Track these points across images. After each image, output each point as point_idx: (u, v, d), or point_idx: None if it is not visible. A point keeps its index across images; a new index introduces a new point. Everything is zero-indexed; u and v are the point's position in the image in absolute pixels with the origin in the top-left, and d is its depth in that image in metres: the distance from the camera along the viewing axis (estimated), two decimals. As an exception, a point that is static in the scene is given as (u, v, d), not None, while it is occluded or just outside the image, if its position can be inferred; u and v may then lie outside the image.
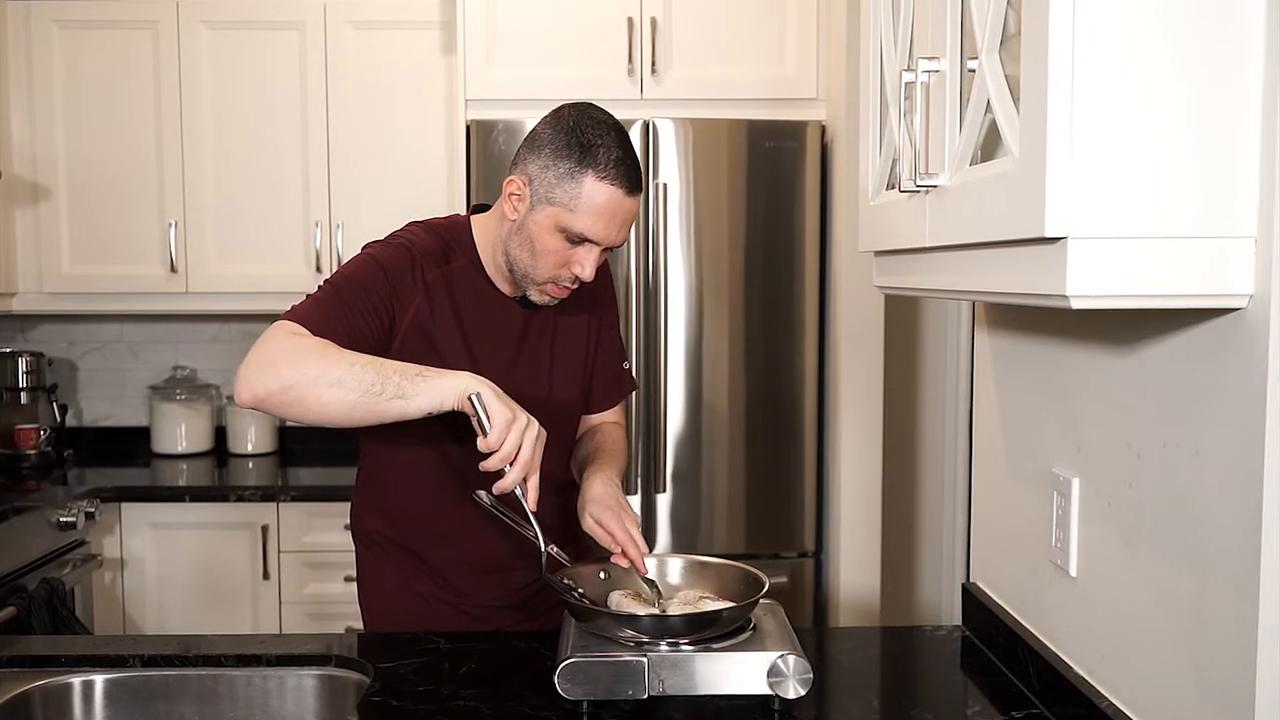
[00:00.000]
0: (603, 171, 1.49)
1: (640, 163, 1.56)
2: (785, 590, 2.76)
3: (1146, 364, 1.14)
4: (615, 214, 1.52)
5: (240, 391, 1.39)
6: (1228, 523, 0.99)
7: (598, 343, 1.77)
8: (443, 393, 1.37)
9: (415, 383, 1.37)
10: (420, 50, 3.14)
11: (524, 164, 1.55)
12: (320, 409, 1.39)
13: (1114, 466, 1.21)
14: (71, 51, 3.14)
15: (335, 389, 1.37)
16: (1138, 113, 0.87)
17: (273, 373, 1.38)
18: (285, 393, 1.38)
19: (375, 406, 1.37)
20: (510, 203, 1.56)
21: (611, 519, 1.55)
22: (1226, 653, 1.00)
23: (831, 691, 1.47)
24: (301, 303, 1.51)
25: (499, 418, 1.36)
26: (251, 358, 1.40)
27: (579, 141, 1.50)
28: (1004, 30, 0.98)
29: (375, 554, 1.73)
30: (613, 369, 1.81)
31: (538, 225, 1.53)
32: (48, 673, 1.54)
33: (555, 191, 1.51)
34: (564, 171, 1.50)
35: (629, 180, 1.51)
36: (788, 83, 2.84)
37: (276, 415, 1.41)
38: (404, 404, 1.37)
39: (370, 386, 1.36)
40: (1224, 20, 0.87)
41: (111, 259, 3.17)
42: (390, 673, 1.48)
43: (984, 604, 1.60)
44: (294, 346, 1.40)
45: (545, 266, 1.56)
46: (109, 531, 2.94)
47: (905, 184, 1.17)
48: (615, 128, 1.53)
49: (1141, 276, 0.89)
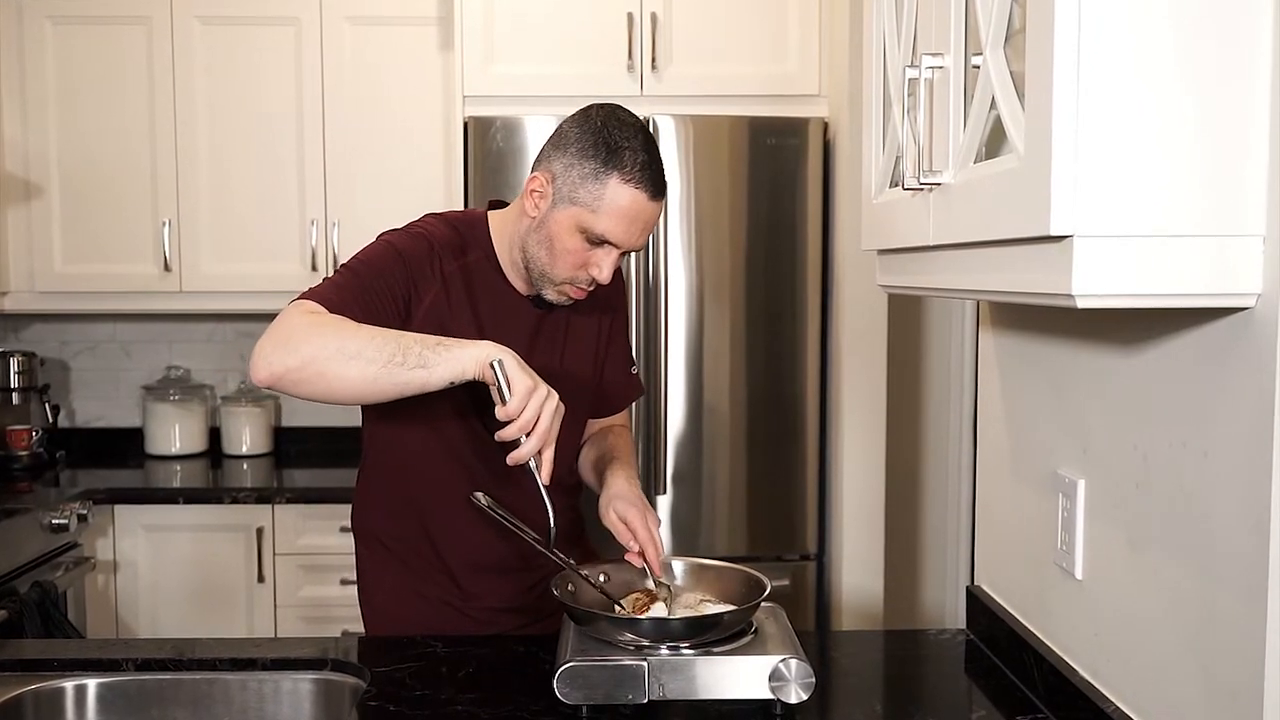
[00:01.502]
0: (628, 174, 1.49)
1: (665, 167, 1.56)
2: (787, 593, 2.76)
3: (1153, 364, 1.14)
4: (638, 218, 1.52)
5: (257, 369, 1.37)
6: (1236, 524, 0.99)
7: (608, 345, 1.77)
8: (464, 361, 1.36)
9: (437, 351, 1.36)
10: (417, 46, 3.14)
11: (548, 161, 1.55)
12: (341, 383, 1.37)
13: (1120, 468, 1.21)
14: (64, 47, 3.14)
15: (355, 361, 1.35)
16: (1144, 109, 0.87)
17: (290, 348, 1.37)
18: (304, 368, 1.36)
19: (397, 377, 1.35)
20: (531, 199, 1.57)
21: (636, 516, 1.57)
22: (1234, 656, 1.00)
23: (834, 696, 1.47)
24: (318, 285, 1.51)
25: (520, 385, 1.34)
26: (267, 336, 1.39)
27: (605, 142, 1.50)
28: (1009, 26, 0.98)
29: (376, 554, 1.73)
30: (622, 372, 1.82)
31: (558, 224, 1.54)
32: (40, 677, 1.54)
33: (579, 191, 1.51)
34: (589, 172, 1.50)
35: (654, 184, 1.51)
36: (789, 79, 2.84)
37: (294, 394, 1.39)
38: (426, 374, 1.35)
39: (391, 357, 1.35)
40: (1231, 16, 0.87)
41: (104, 258, 3.17)
42: (387, 677, 1.48)
43: (988, 607, 1.60)
44: (311, 323, 1.40)
45: (563, 266, 1.56)
46: (102, 534, 2.94)
47: (909, 182, 1.17)
48: (642, 131, 1.53)
49: (1148, 275, 0.89)
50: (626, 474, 1.66)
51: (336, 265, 3.10)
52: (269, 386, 1.39)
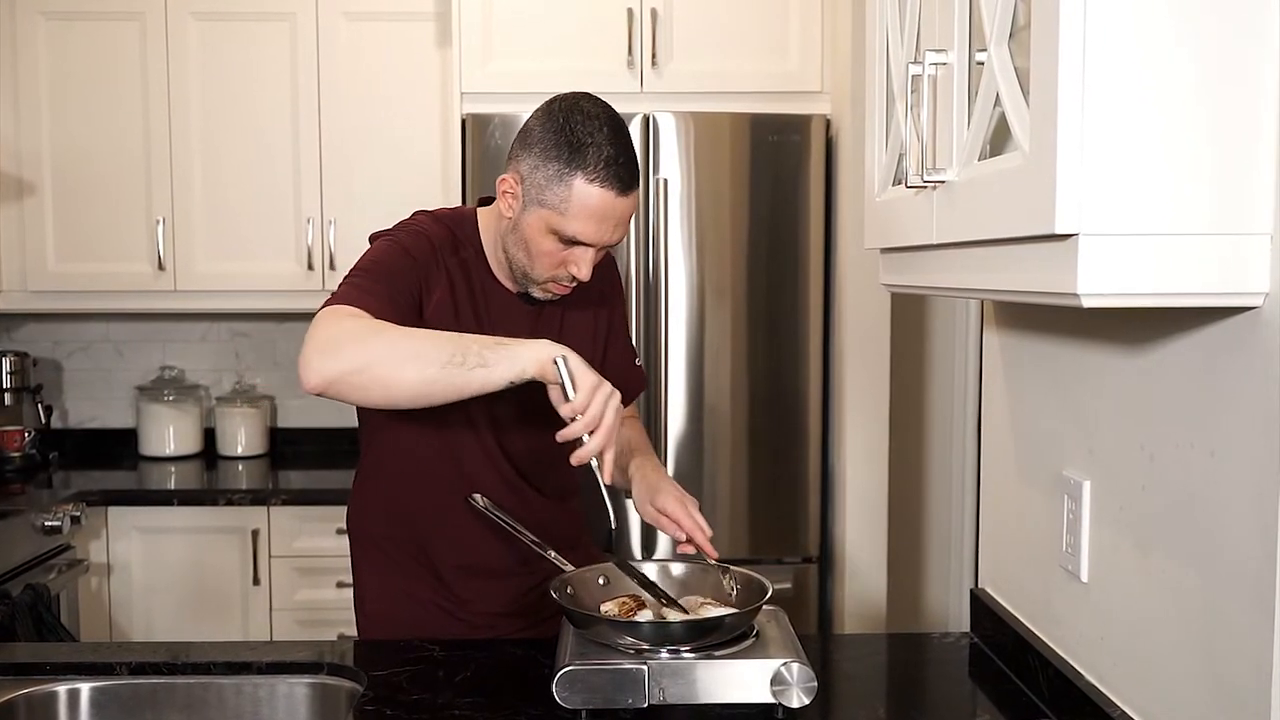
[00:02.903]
0: (592, 173, 1.48)
1: (637, 156, 1.54)
2: (789, 596, 2.76)
3: (1160, 364, 1.14)
4: (607, 216, 1.50)
5: (307, 377, 1.36)
6: (1244, 526, 0.99)
7: (607, 339, 1.77)
8: (524, 360, 1.34)
9: (496, 351, 1.35)
10: (414, 43, 3.13)
11: (516, 161, 1.55)
12: (399, 386, 1.36)
13: (1126, 469, 1.21)
14: (57, 44, 3.13)
15: (415, 363, 1.34)
16: (1151, 106, 0.87)
17: (341, 354, 1.35)
18: (360, 373, 1.35)
19: (457, 379, 1.34)
20: (505, 201, 1.56)
21: (674, 505, 1.57)
22: (1242, 660, 1.00)
23: (836, 700, 1.47)
24: (340, 291, 1.48)
25: (586, 381, 1.34)
26: (312, 344, 1.37)
27: (568, 140, 1.48)
28: (1013, 21, 0.98)
29: (372, 557, 1.73)
30: (624, 366, 1.81)
31: (530, 226, 1.53)
32: (32, 681, 1.54)
33: (545, 193, 1.50)
34: (553, 173, 1.49)
35: (620, 180, 1.49)
36: (791, 75, 2.84)
37: (347, 399, 1.39)
38: (486, 373, 1.34)
39: (451, 357, 1.34)
40: (1239, 10, 0.87)
41: (97, 256, 3.17)
42: (384, 681, 1.48)
43: (993, 610, 1.60)
44: (360, 327, 1.39)
45: (541, 267, 1.56)
46: (95, 536, 2.94)
47: (912, 179, 1.17)
48: (609, 121, 1.51)
49: (1154, 274, 0.89)
50: (653, 464, 1.67)
51: (332, 264, 3.11)
52: (320, 393, 1.37)
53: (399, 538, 1.69)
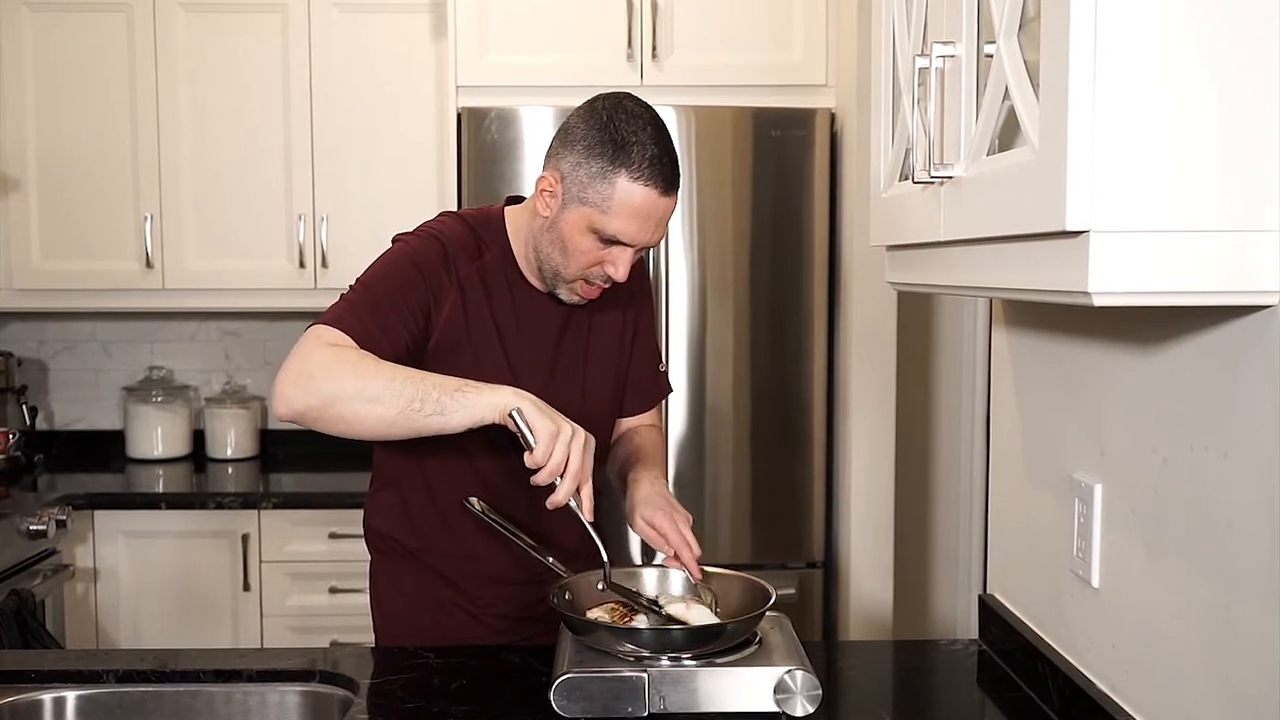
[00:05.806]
0: (636, 171, 1.49)
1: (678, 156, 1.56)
2: (793, 602, 2.76)
3: (1172, 364, 1.14)
4: (650, 215, 1.52)
5: (277, 406, 1.44)
6: (1257, 529, 0.99)
7: (634, 343, 1.78)
8: (481, 408, 1.41)
9: (455, 399, 1.41)
10: (409, 35, 3.14)
11: (556, 160, 1.56)
12: (359, 424, 1.44)
13: (1138, 471, 1.21)
14: (43, 36, 3.14)
15: (374, 405, 1.41)
16: (1163, 100, 0.87)
17: (310, 388, 1.43)
18: (325, 409, 1.43)
19: (414, 423, 1.42)
20: (542, 199, 1.57)
21: (664, 520, 1.58)
22: (1255, 667, 1.00)
23: (841, 709, 1.47)
24: (335, 305, 1.53)
25: (543, 432, 1.39)
26: (288, 371, 1.44)
27: (612, 138, 1.50)
28: (1023, 13, 0.98)
29: (391, 561, 1.74)
30: (649, 371, 1.82)
31: (570, 225, 1.54)
32: (17, 689, 1.54)
33: (587, 191, 1.52)
34: (596, 171, 1.51)
35: (664, 179, 1.51)
36: (795, 68, 2.84)
37: (315, 429, 1.48)
38: (443, 420, 1.41)
39: (409, 403, 1.40)
40: (1252, 5, 0.87)
41: (84, 254, 3.17)
42: (377, 689, 1.48)
43: (1002, 616, 1.60)
44: (331, 360, 1.44)
45: (576, 266, 1.57)
46: (81, 540, 2.94)
47: (919, 175, 1.17)
48: (652, 121, 1.53)
49: (1167, 272, 0.89)
50: (650, 476, 1.67)
51: (324, 261, 3.11)
52: (291, 421, 1.46)
53: (420, 542, 1.70)
